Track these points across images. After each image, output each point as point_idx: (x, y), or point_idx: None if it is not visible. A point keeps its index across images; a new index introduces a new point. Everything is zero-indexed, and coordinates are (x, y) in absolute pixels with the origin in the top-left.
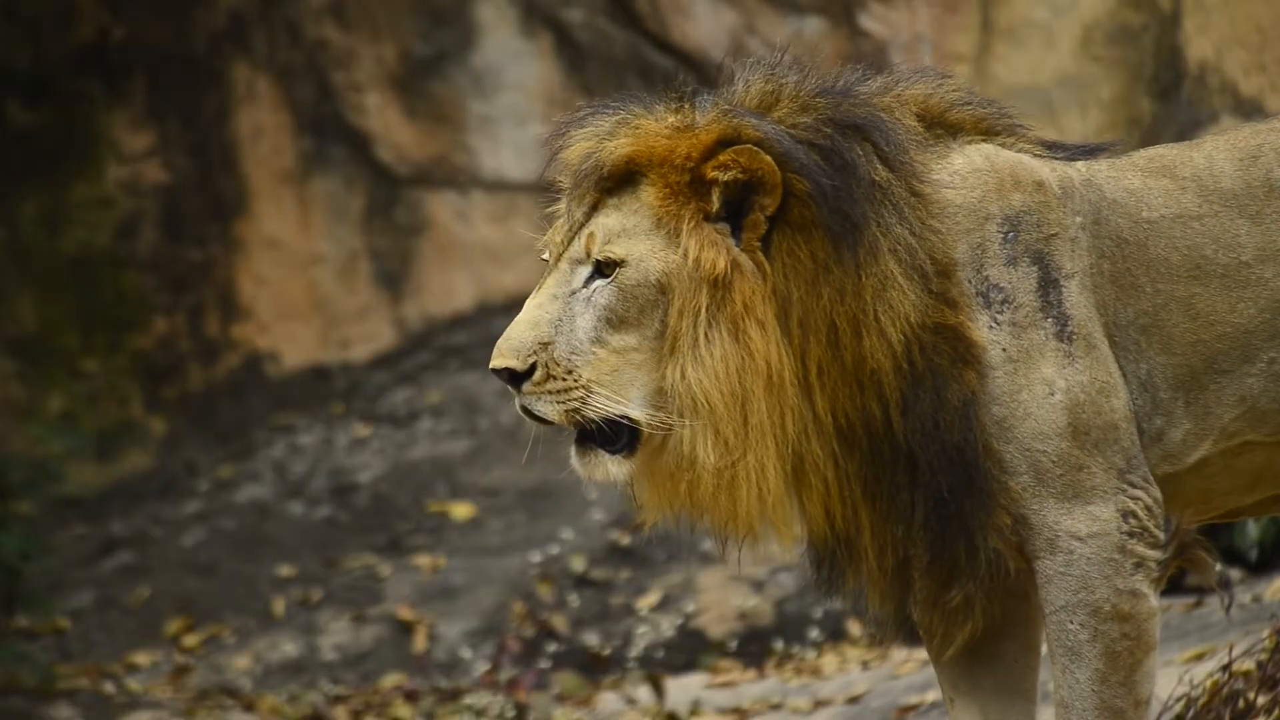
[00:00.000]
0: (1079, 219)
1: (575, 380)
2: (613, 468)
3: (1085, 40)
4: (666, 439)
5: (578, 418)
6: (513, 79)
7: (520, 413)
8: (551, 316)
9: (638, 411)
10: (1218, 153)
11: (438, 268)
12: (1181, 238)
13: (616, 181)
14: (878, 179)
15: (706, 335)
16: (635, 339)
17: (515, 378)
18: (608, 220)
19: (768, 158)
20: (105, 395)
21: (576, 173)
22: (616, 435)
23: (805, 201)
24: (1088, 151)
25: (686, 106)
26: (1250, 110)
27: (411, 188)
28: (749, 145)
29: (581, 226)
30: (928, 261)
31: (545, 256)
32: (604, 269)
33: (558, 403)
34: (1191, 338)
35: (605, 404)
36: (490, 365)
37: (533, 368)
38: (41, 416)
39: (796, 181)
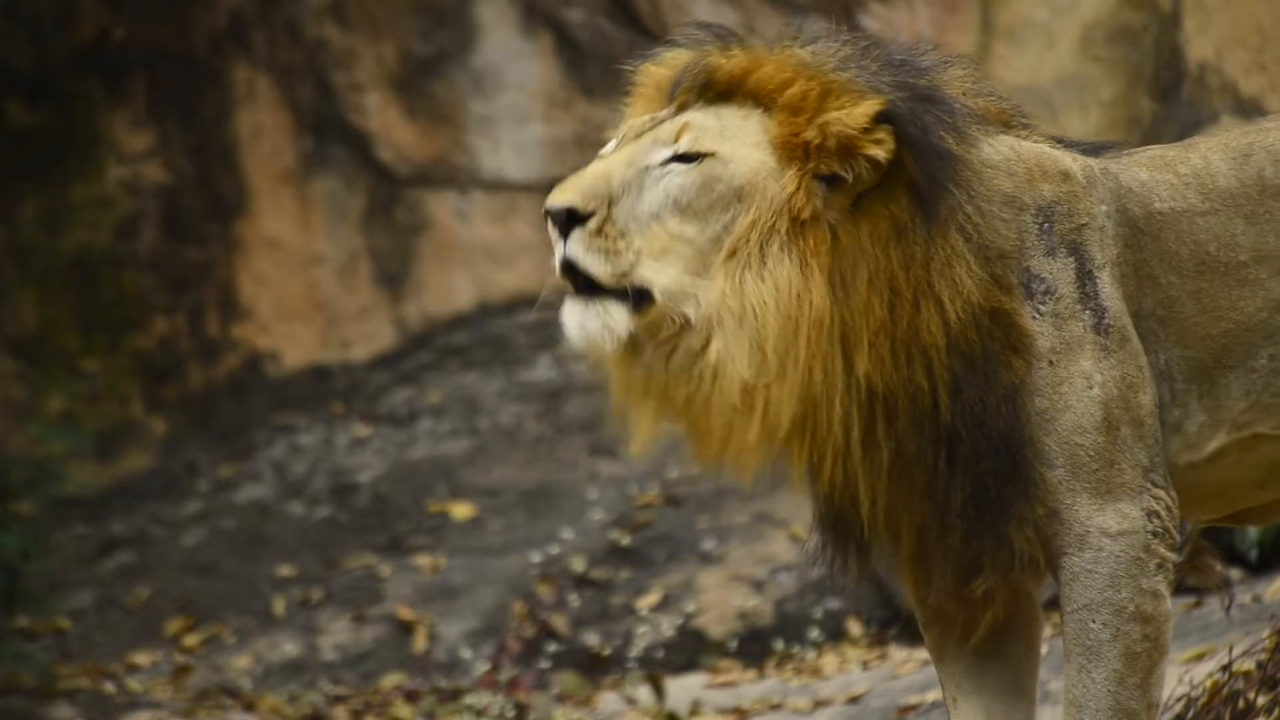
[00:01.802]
0: (1104, 208)
1: (628, 245)
2: (617, 315)
3: (1085, 40)
4: (681, 337)
5: (627, 281)
6: (513, 79)
7: (558, 269)
8: (623, 178)
9: (670, 289)
10: (1212, 153)
11: (438, 268)
12: (1188, 232)
13: (719, 94)
14: (953, 150)
15: (777, 254)
16: (693, 231)
17: (571, 220)
18: (706, 119)
19: (895, 149)
20: (105, 395)
21: (677, 75)
22: (622, 296)
23: (903, 167)
24: (1094, 150)
25: (824, 52)
26: (1250, 110)
27: (411, 188)
28: (896, 130)
29: (674, 116)
30: (990, 243)
31: (614, 140)
32: (687, 158)
33: (606, 260)
34: (1201, 331)
35: (653, 273)
36: (548, 202)
37: (592, 214)
38: (41, 416)
39: (908, 155)
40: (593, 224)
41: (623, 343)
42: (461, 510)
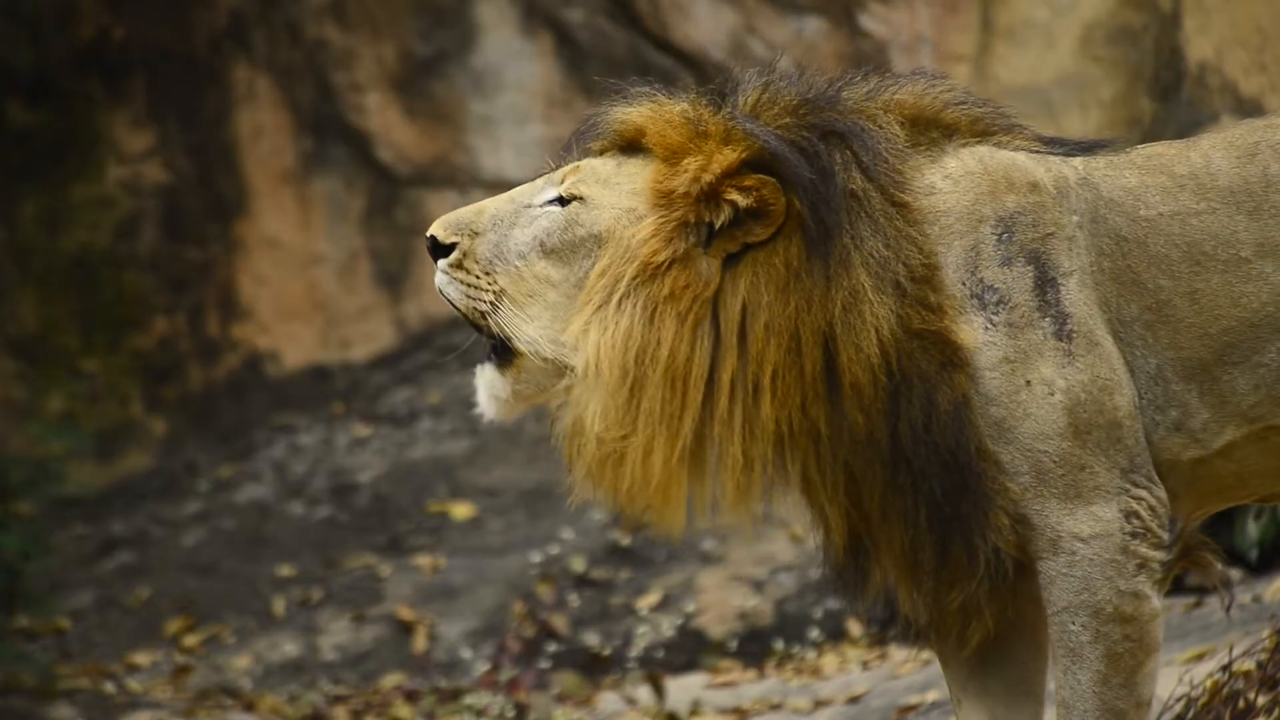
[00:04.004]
0: (1075, 218)
1: (490, 284)
2: (489, 377)
3: (1085, 40)
4: (569, 398)
5: (483, 321)
6: (513, 79)
7: (438, 290)
8: (497, 213)
9: (535, 339)
10: (1214, 150)
11: None
12: (1180, 234)
13: (625, 144)
14: (854, 188)
15: (619, 303)
16: (558, 275)
17: (436, 249)
18: (601, 165)
19: (783, 199)
20: (105, 395)
21: (594, 123)
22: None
23: (793, 216)
24: (1086, 148)
25: (704, 103)
26: (1250, 110)
27: (411, 188)
28: (773, 180)
29: (576, 161)
30: (903, 270)
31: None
32: (563, 200)
33: (466, 295)
34: (1198, 331)
35: (513, 320)
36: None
37: (453, 247)
38: (41, 416)
39: (795, 203)
40: (454, 255)
41: (508, 404)
42: (461, 510)
